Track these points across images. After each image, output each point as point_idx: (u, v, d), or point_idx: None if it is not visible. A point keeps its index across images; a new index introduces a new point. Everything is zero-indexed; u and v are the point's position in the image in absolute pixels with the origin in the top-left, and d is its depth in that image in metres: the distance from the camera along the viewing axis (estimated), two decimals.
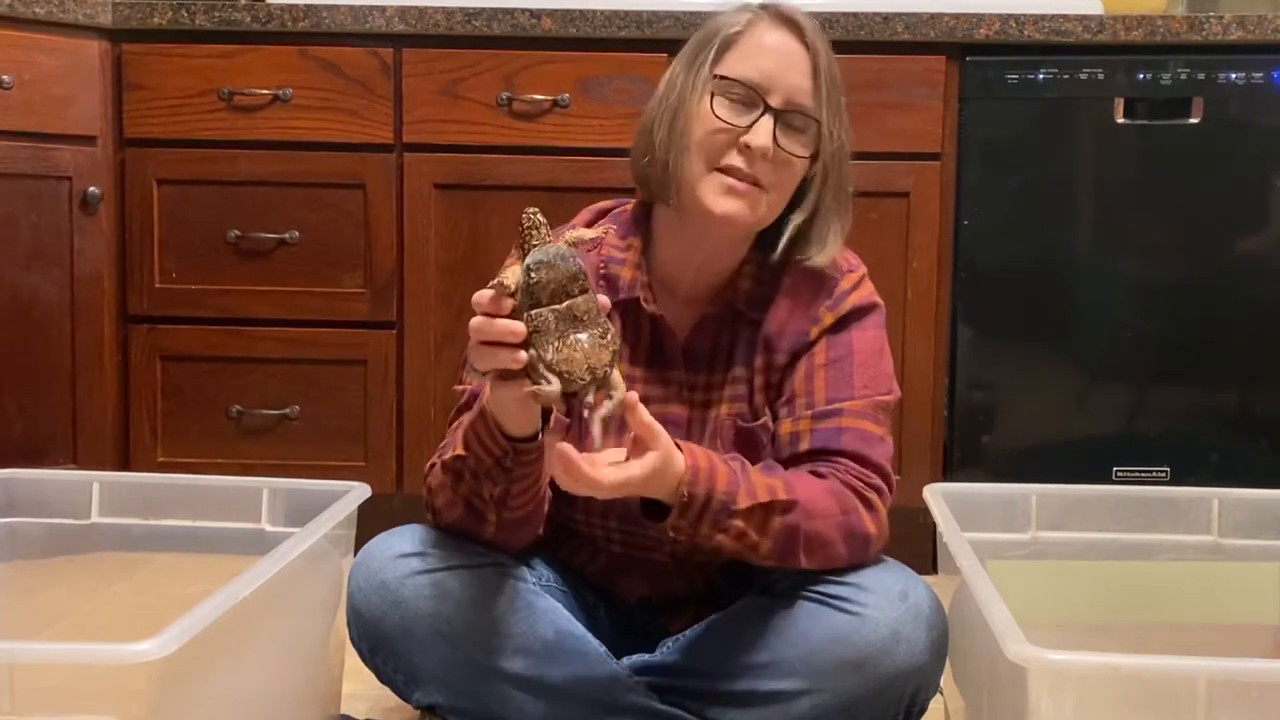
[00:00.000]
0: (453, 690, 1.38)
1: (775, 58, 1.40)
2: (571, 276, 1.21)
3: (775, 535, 1.32)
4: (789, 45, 1.40)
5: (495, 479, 1.33)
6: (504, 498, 1.34)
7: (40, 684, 1.05)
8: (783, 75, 1.39)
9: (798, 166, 1.41)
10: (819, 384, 1.43)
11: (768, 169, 1.38)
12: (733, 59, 1.41)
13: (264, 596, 1.23)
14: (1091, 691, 1.07)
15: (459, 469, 1.35)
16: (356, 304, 2.31)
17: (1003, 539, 1.62)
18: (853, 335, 1.46)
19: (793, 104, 1.39)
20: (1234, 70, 2.21)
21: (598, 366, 1.20)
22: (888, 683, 1.33)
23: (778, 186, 1.40)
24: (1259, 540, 1.63)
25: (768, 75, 1.39)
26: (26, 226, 2.19)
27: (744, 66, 1.40)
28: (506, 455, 1.30)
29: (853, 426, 1.40)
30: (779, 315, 1.47)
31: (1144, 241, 2.26)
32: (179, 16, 2.26)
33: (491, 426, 1.29)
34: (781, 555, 1.34)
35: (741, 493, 1.30)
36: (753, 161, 1.38)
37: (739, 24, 1.42)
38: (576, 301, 1.21)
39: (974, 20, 2.22)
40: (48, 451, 2.23)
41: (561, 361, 1.19)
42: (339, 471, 2.15)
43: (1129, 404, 2.29)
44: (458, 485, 1.36)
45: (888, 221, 2.25)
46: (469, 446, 1.32)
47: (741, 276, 1.47)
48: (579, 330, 1.20)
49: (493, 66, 2.26)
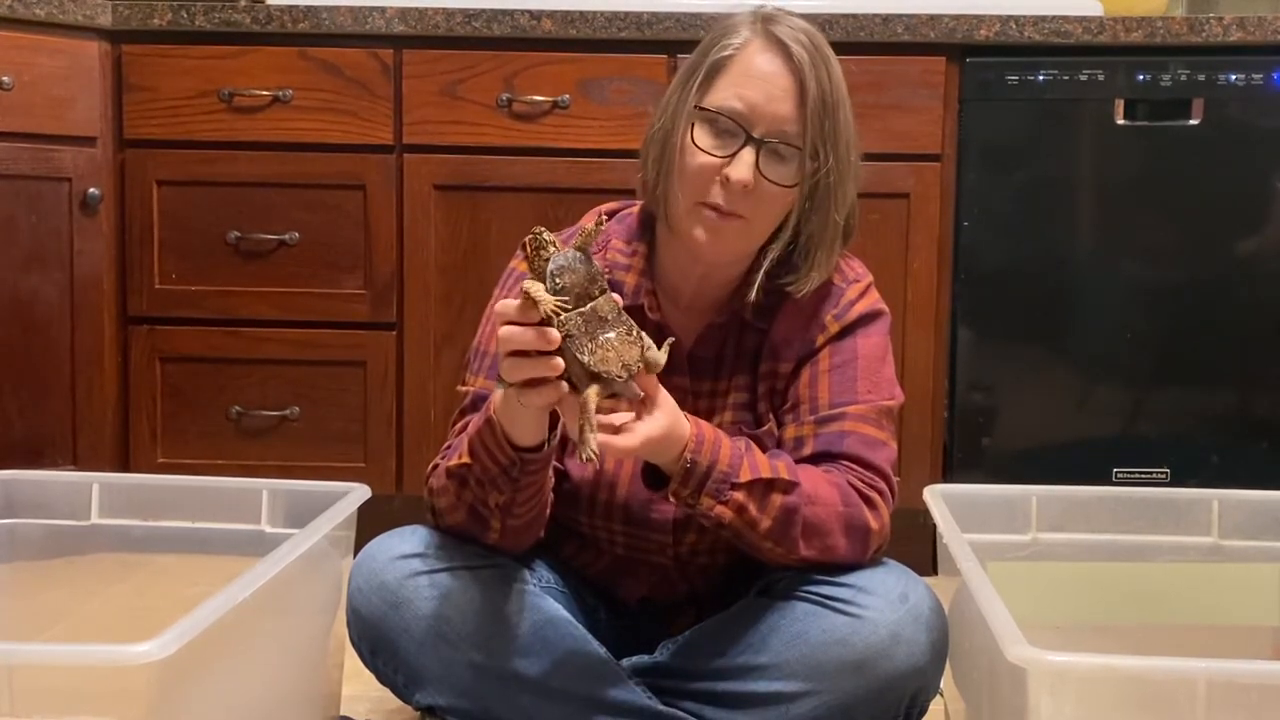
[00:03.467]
0: (453, 691, 1.38)
1: (761, 86, 1.36)
2: (592, 278, 1.22)
3: (775, 514, 1.32)
4: (776, 74, 1.37)
5: (501, 488, 1.33)
6: (509, 505, 1.34)
7: (40, 685, 1.05)
8: (767, 104, 1.36)
9: (784, 195, 1.38)
10: (822, 389, 1.44)
11: (750, 201, 1.36)
12: (719, 86, 1.38)
13: (264, 598, 1.23)
14: (1091, 693, 1.07)
15: (464, 476, 1.35)
16: (356, 305, 2.31)
17: (1003, 540, 1.62)
18: (857, 341, 1.46)
19: (776, 133, 1.36)
20: (1234, 71, 2.21)
21: (631, 363, 1.22)
22: (887, 684, 1.33)
23: (763, 217, 1.39)
24: (1259, 541, 1.63)
25: (751, 105, 1.36)
26: (26, 227, 2.19)
27: (728, 95, 1.37)
28: (514, 465, 1.30)
29: (855, 430, 1.41)
30: (785, 324, 1.47)
31: (1144, 243, 2.26)
32: (179, 18, 2.26)
33: (499, 436, 1.29)
34: (779, 536, 1.34)
35: (744, 466, 1.31)
36: (732, 196, 1.36)
37: (730, 47, 1.39)
38: (599, 302, 1.22)
39: (974, 21, 2.22)
40: (47, 452, 2.23)
41: (598, 363, 1.20)
42: (339, 473, 2.15)
43: (1129, 405, 2.29)
44: (462, 492, 1.36)
45: (888, 223, 2.25)
46: (475, 455, 1.32)
47: (748, 287, 1.45)
48: (607, 330, 1.22)
49: (493, 67, 2.26)
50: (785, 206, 1.40)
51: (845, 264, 1.51)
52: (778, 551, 1.36)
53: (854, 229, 1.47)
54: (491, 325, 1.47)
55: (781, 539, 1.34)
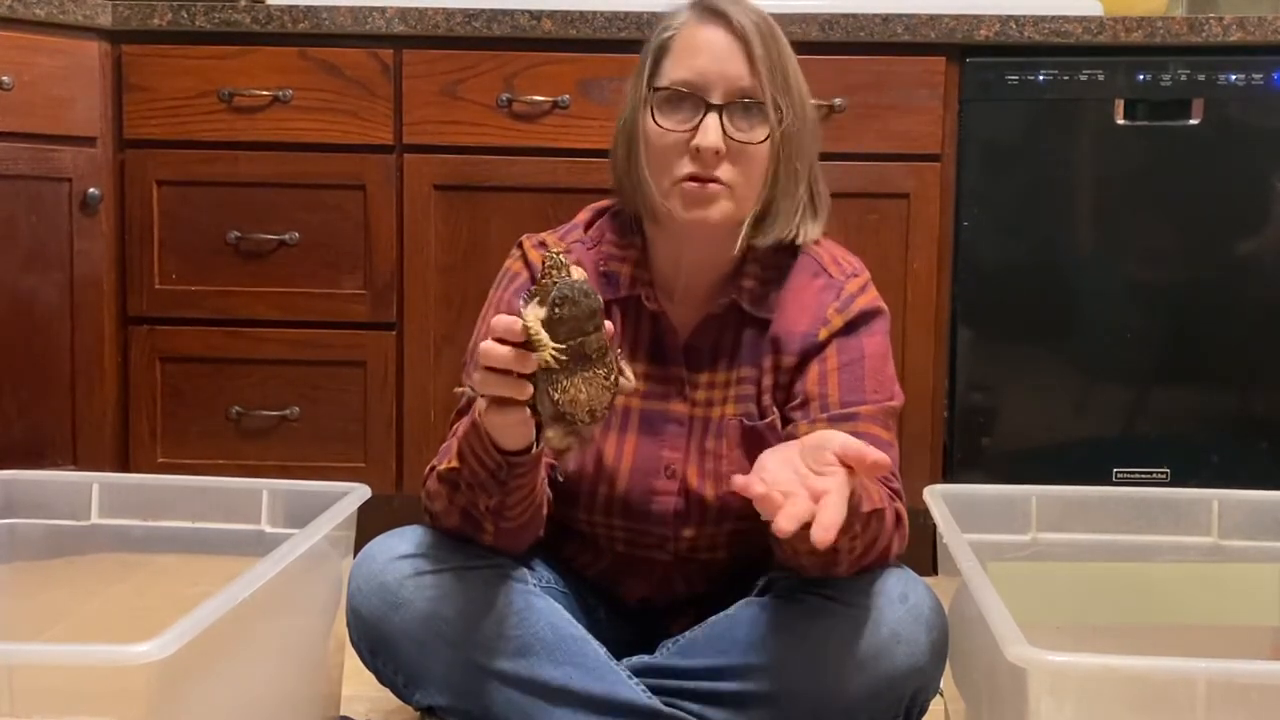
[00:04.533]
0: (453, 691, 1.38)
1: (708, 55, 1.40)
2: (590, 314, 1.20)
3: (867, 542, 1.31)
4: (719, 39, 1.40)
5: (490, 491, 1.32)
6: (500, 509, 1.34)
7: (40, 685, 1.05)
8: (718, 69, 1.39)
9: (759, 152, 1.41)
10: (832, 387, 1.44)
11: (726, 165, 1.39)
12: (667, 67, 1.42)
13: (264, 598, 1.23)
14: (1091, 693, 1.07)
15: (454, 480, 1.35)
16: (356, 305, 2.31)
17: (1003, 540, 1.62)
18: (863, 340, 1.46)
19: (734, 92, 1.39)
20: (1234, 71, 2.21)
21: (598, 409, 1.21)
22: (888, 684, 1.33)
23: (743, 177, 1.41)
24: (1259, 541, 1.63)
25: (702, 73, 1.39)
26: (26, 228, 2.19)
27: (679, 70, 1.40)
28: (501, 469, 1.30)
29: (868, 432, 1.41)
30: (786, 316, 1.47)
31: (1144, 243, 2.26)
32: (179, 18, 2.26)
33: (485, 441, 1.29)
34: (855, 564, 1.32)
35: (865, 497, 1.26)
36: (706, 163, 1.38)
37: (670, 29, 1.43)
38: (589, 339, 1.20)
39: (974, 21, 2.22)
40: (47, 452, 2.23)
41: (566, 403, 1.20)
42: (338, 473, 2.15)
43: (1129, 405, 2.29)
44: (454, 495, 1.36)
45: (888, 223, 2.25)
46: (463, 459, 1.32)
47: (744, 276, 1.47)
48: (585, 369, 1.20)
49: (493, 67, 2.26)
50: (762, 165, 1.41)
51: (842, 257, 1.52)
52: (837, 571, 1.33)
53: (823, 199, 1.49)
54: (486, 327, 1.47)
55: (857, 563, 1.32)
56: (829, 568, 1.32)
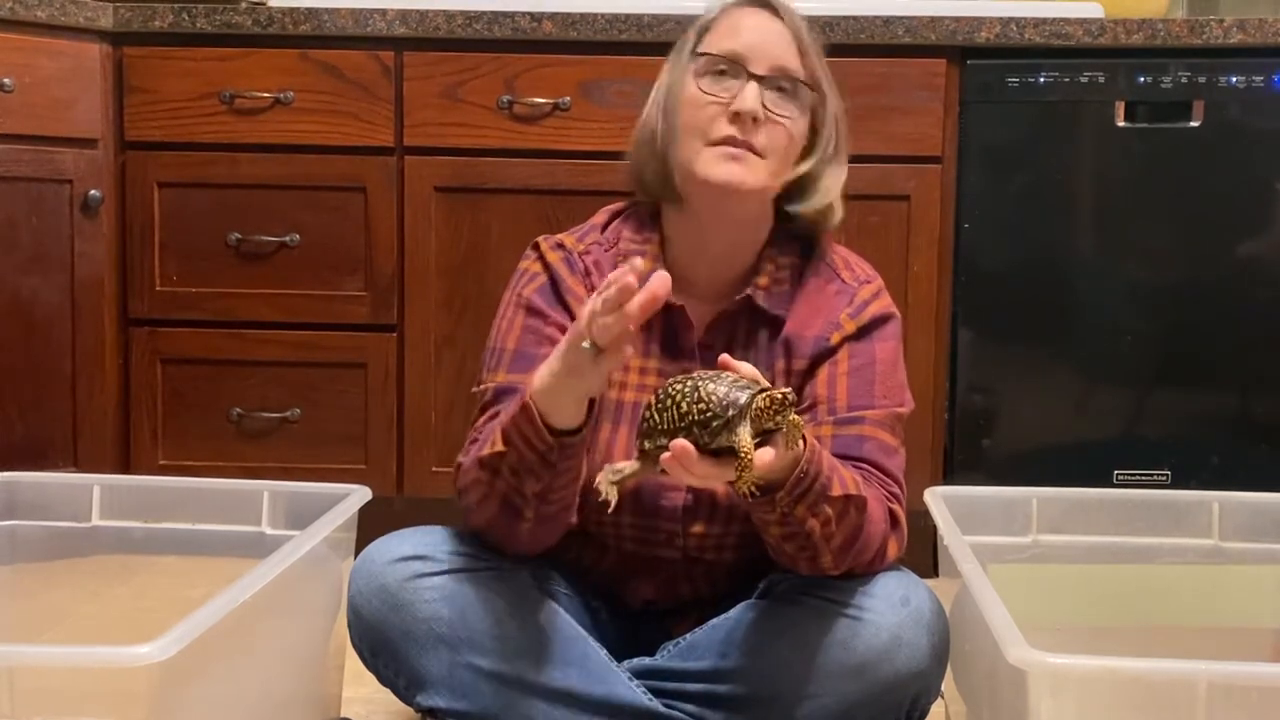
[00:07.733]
0: (454, 693, 1.38)
1: (754, 33, 1.45)
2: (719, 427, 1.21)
3: (848, 531, 1.32)
4: (766, 24, 1.46)
5: (538, 474, 1.32)
6: (545, 493, 1.34)
7: (40, 687, 1.06)
8: (762, 45, 1.43)
9: (791, 130, 1.43)
10: (841, 390, 1.44)
11: (761, 134, 1.41)
12: (711, 40, 1.46)
13: (264, 600, 1.24)
14: (1092, 695, 1.07)
15: (497, 465, 1.33)
16: (357, 307, 2.31)
17: (1003, 542, 1.62)
18: (875, 345, 1.47)
19: (776, 69, 1.43)
20: (1234, 73, 2.21)
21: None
22: (888, 687, 1.33)
23: (774, 151, 1.43)
24: (1259, 543, 1.63)
25: (748, 46, 1.43)
26: (27, 229, 2.19)
27: (724, 42, 1.45)
28: (551, 450, 1.30)
29: (873, 436, 1.41)
30: (799, 317, 1.48)
31: (1144, 245, 2.26)
32: (180, 20, 2.26)
33: (536, 421, 1.28)
34: (839, 552, 1.33)
35: (836, 480, 1.29)
36: (744, 127, 1.41)
37: (714, 12, 1.49)
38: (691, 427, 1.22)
39: (975, 23, 2.22)
40: (48, 454, 2.23)
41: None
42: (339, 474, 2.14)
43: (1129, 407, 2.29)
44: (494, 481, 1.35)
45: (888, 225, 2.25)
46: (510, 442, 1.31)
47: (759, 274, 1.48)
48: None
49: (494, 69, 2.26)
50: (794, 143, 1.45)
51: (856, 263, 1.53)
52: (822, 563, 1.34)
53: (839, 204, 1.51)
54: (507, 322, 1.48)
55: (840, 554, 1.33)
56: (813, 559, 1.33)
